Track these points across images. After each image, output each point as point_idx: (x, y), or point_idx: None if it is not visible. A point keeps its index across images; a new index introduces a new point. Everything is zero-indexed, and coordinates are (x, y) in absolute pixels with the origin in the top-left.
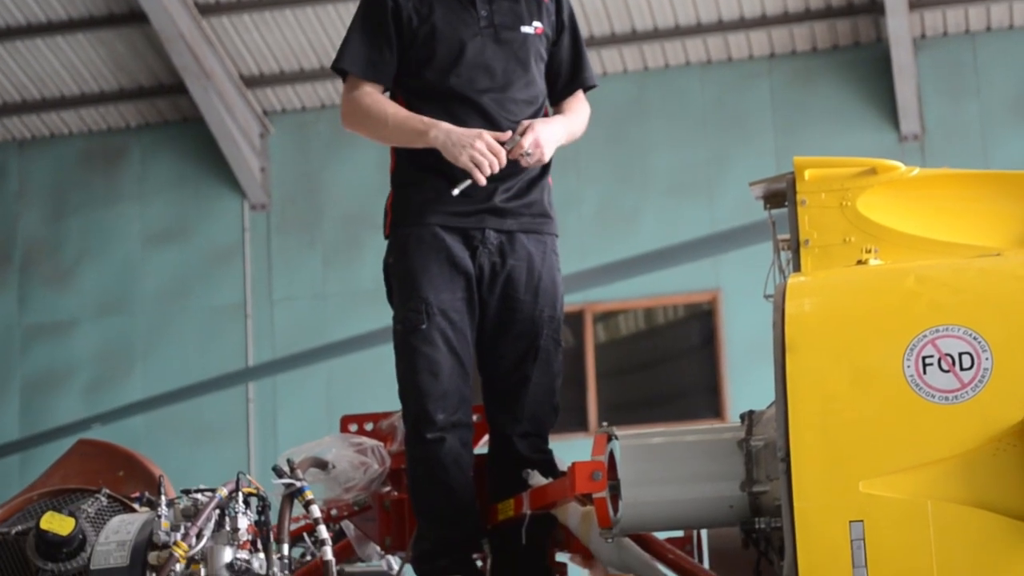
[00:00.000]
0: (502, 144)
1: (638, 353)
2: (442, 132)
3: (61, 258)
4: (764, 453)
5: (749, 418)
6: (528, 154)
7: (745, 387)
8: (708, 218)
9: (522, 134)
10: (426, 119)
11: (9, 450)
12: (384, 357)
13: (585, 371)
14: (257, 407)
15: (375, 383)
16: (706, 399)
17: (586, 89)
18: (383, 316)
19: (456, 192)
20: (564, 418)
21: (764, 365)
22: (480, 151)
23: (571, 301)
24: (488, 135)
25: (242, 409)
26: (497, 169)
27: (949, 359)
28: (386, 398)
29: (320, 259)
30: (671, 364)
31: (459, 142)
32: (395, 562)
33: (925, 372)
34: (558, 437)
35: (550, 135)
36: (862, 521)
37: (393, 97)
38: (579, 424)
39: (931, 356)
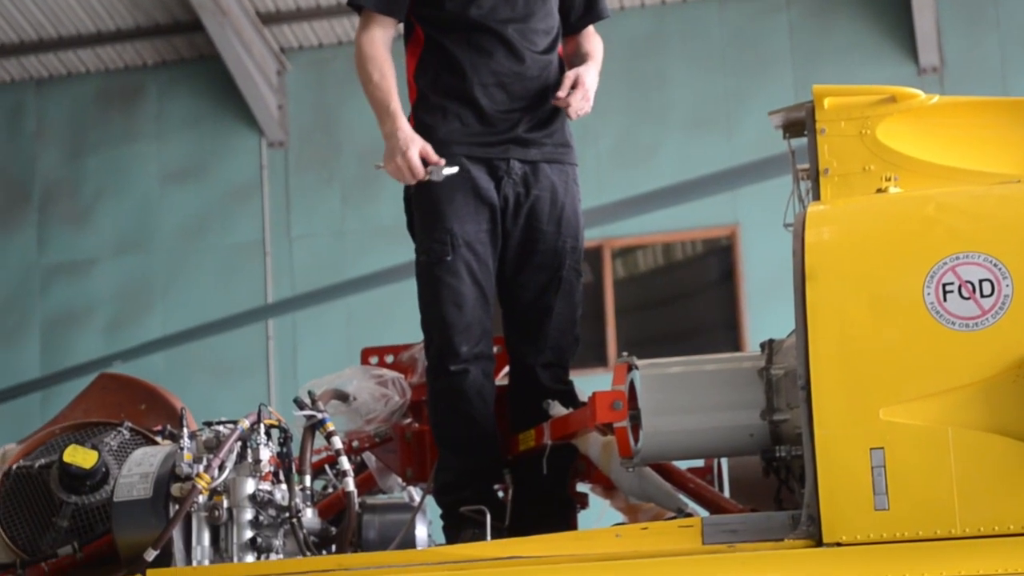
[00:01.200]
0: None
1: (657, 289)
2: (389, 131)
3: (79, 197)
4: (784, 381)
5: (769, 347)
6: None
7: (764, 322)
8: (727, 152)
9: (573, 86)
10: (393, 107)
11: (30, 388)
12: (403, 293)
13: (604, 307)
14: (277, 344)
15: (394, 319)
16: (725, 334)
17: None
18: (402, 252)
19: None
20: (583, 353)
21: (783, 300)
22: (398, 168)
23: (589, 237)
24: (415, 153)
25: (262, 346)
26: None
27: (969, 286)
28: (406, 333)
29: (339, 196)
30: (690, 300)
31: (390, 151)
32: (416, 493)
33: (945, 299)
34: (577, 372)
35: (592, 83)
36: (882, 448)
37: (410, 29)
38: (598, 359)
39: (951, 283)
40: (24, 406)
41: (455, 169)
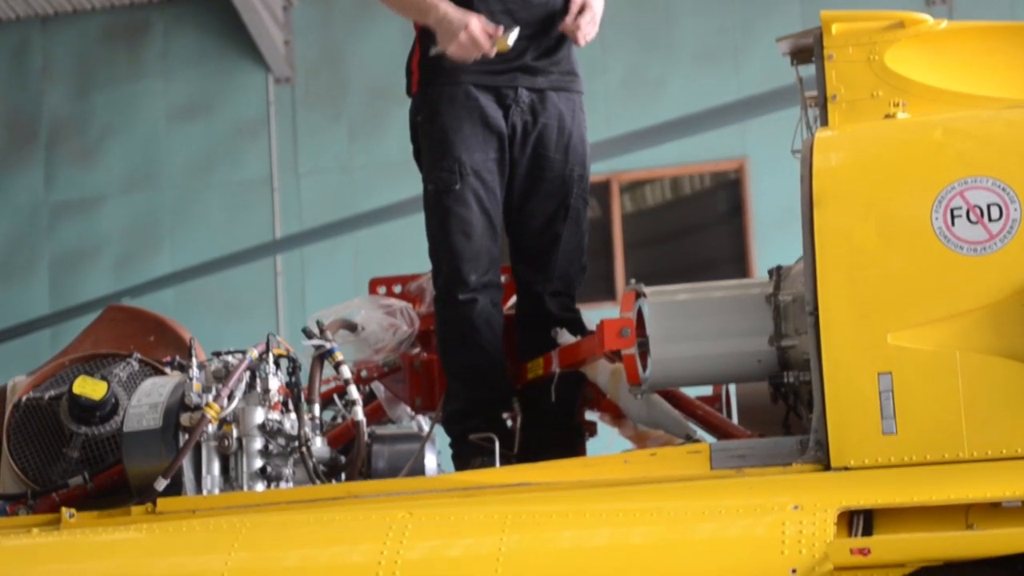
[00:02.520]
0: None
1: (665, 223)
2: (439, 17)
3: (86, 135)
4: (792, 307)
5: (777, 273)
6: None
7: (772, 256)
8: (734, 85)
9: (579, 12)
10: None
11: (40, 325)
12: (411, 228)
13: (612, 241)
14: (285, 280)
15: (402, 254)
16: (733, 269)
17: None
18: (409, 187)
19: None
20: (591, 287)
21: (791, 234)
22: (463, 44)
23: (597, 171)
24: (477, 24)
25: (270, 283)
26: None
27: (977, 211)
28: (414, 268)
29: (346, 132)
30: (698, 234)
31: (448, 31)
32: (425, 423)
33: (953, 224)
34: (585, 305)
35: (599, 7)
36: (890, 373)
37: None
38: (606, 293)
39: (959, 208)
40: (33, 343)
41: (516, 29)
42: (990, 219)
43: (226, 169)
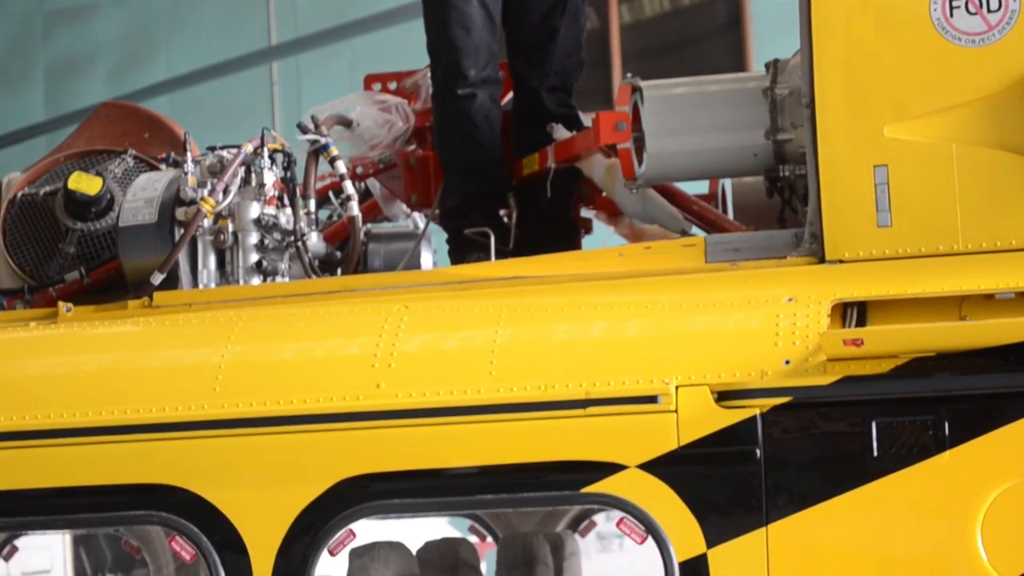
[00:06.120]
0: None
1: (663, 34)
2: None
3: None
4: (789, 101)
5: (774, 66)
6: None
7: None
8: None
9: None
10: None
11: (35, 132)
12: (408, 35)
13: (610, 52)
14: (281, 89)
15: (399, 62)
16: None
17: None
18: None
19: None
20: (588, 98)
21: (790, 45)
22: None
23: None
24: None
25: (266, 91)
26: None
27: (976, 1)
28: None
29: None
30: (697, 46)
31: None
32: (421, 220)
33: (952, 15)
34: (582, 116)
35: None
36: (886, 166)
37: None
38: (605, 104)
39: None
40: (30, 150)
41: None
42: (989, 10)
43: None
